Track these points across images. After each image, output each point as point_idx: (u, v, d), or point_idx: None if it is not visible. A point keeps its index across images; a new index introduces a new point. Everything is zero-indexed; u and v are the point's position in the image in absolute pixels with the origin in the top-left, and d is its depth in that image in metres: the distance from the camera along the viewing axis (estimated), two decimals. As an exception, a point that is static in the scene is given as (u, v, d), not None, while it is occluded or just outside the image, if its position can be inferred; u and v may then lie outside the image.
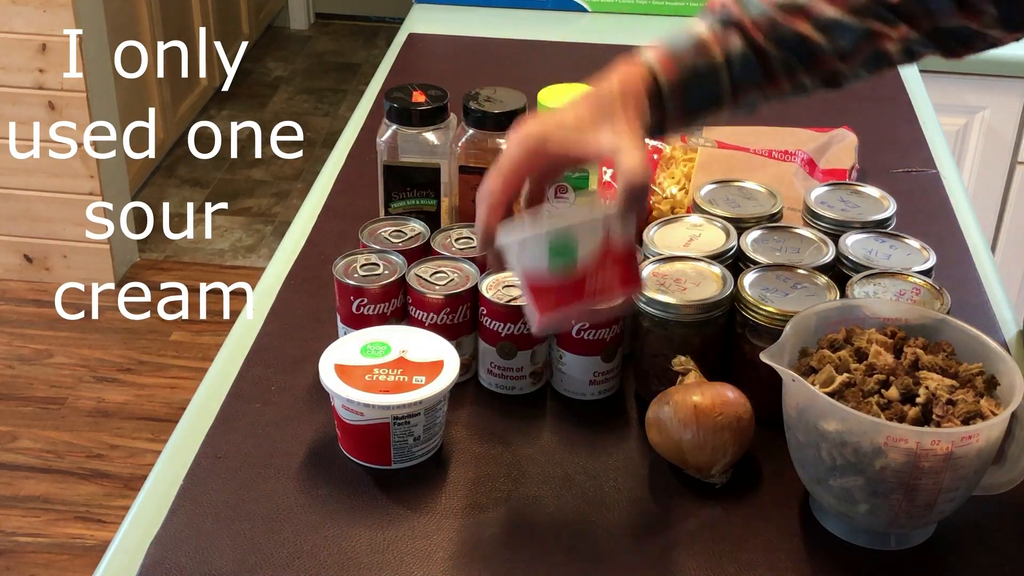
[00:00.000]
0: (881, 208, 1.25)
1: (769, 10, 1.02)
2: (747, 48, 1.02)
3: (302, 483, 1.03)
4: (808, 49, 1.02)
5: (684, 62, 1.00)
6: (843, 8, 1.02)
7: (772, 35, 1.02)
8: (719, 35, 1.01)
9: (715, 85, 1.02)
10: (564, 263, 0.94)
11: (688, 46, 1.01)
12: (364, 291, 1.12)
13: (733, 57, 1.01)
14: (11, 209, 3.02)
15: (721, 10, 1.03)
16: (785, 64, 1.03)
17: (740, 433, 1.03)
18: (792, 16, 1.02)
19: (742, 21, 1.01)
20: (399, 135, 1.26)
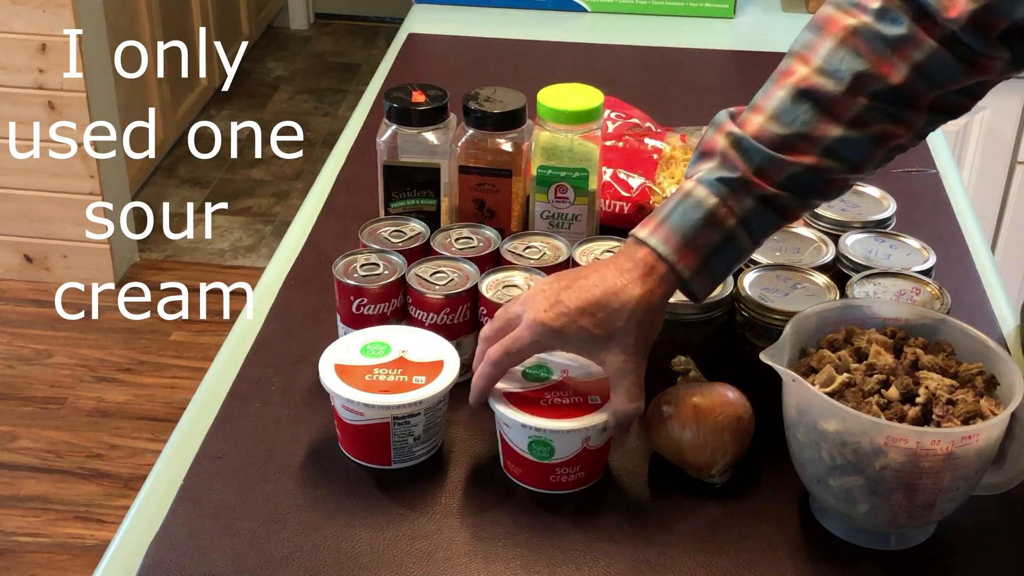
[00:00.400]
0: (881, 208, 1.25)
1: (771, 152, 0.98)
2: (758, 203, 0.99)
3: (302, 483, 1.03)
4: (819, 177, 0.99)
5: (699, 244, 0.98)
6: (843, 124, 0.98)
7: (780, 178, 0.98)
8: (728, 200, 0.98)
9: (736, 248, 1.00)
10: (540, 454, 1.00)
11: (700, 226, 0.98)
12: (364, 291, 1.12)
13: (748, 217, 0.99)
14: (11, 209, 3.02)
15: (721, 165, 0.99)
16: (799, 199, 1.00)
17: (740, 433, 1.03)
18: (795, 152, 0.98)
19: (747, 177, 0.98)
20: (399, 135, 1.26)
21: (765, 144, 0.98)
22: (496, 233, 1.21)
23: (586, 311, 0.97)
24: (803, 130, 0.98)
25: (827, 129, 0.98)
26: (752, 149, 0.98)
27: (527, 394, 1.02)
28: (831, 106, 0.97)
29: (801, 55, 1.00)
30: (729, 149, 0.99)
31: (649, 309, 0.98)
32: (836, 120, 0.97)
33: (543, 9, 2.08)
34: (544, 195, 1.27)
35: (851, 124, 0.98)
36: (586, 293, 0.98)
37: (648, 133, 1.45)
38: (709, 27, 2.04)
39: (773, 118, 0.99)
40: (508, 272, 1.15)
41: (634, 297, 0.97)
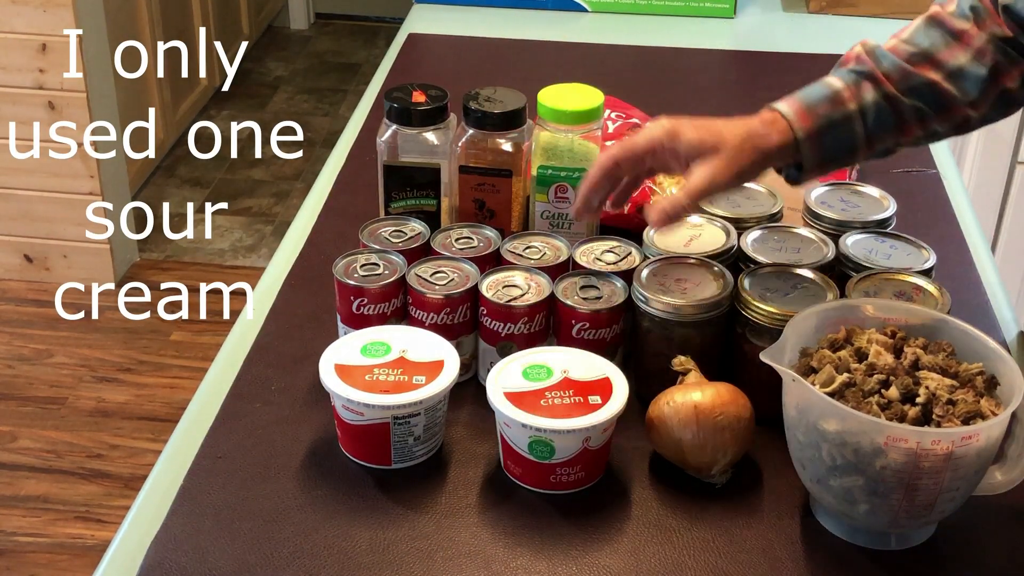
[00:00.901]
0: (881, 208, 1.25)
1: (900, 61, 1.08)
2: (880, 98, 1.07)
3: (302, 483, 1.03)
4: (939, 97, 1.08)
5: (819, 112, 1.07)
6: (968, 53, 1.08)
7: (904, 85, 1.08)
8: (853, 87, 1.08)
9: (849, 134, 1.08)
10: (540, 454, 1.01)
11: (823, 98, 1.07)
12: (364, 291, 1.12)
13: (867, 107, 1.07)
14: (11, 209, 3.02)
15: (855, 63, 1.09)
16: (917, 113, 1.08)
17: (740, 433, 1.03)
18: (922, 66, 1.08)
19: (875, 73, 1.08)
20: (399, 135, 1.26)
21: (897, 56, 1.09)
22: (496, 233, 1.21)
23: (703, 125, 1.07)
24: (932, 50, 1.09)
25: (953, 55, 1.08)
26: (883, 55, 1.09)
27: (527, 394, 1.02)
28: (959, 34, 1.09)
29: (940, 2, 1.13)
30: (863, 54, 1.10)
31: (758, 142, 1.06)
32: (962, 48, 1.08)
33: (543, 9, 2.08)
34: (544, 195, 1.27)
35: (973, 56, 1.08)
36: (710, 120, 1.08)
37: (648, 133, 1.45)
38: (709, 27, 2.04)
39: (907, 40, 1.10)
40: (508, 272, 1.15)
41: (749, 126, 1.07)
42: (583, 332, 1.10)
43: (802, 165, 1.08)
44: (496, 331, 1.11)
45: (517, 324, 1.10)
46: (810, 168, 1.09)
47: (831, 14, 2.09)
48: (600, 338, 1.11)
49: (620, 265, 1.17)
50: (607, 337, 1.11)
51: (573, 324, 1.10)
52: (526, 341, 1.11)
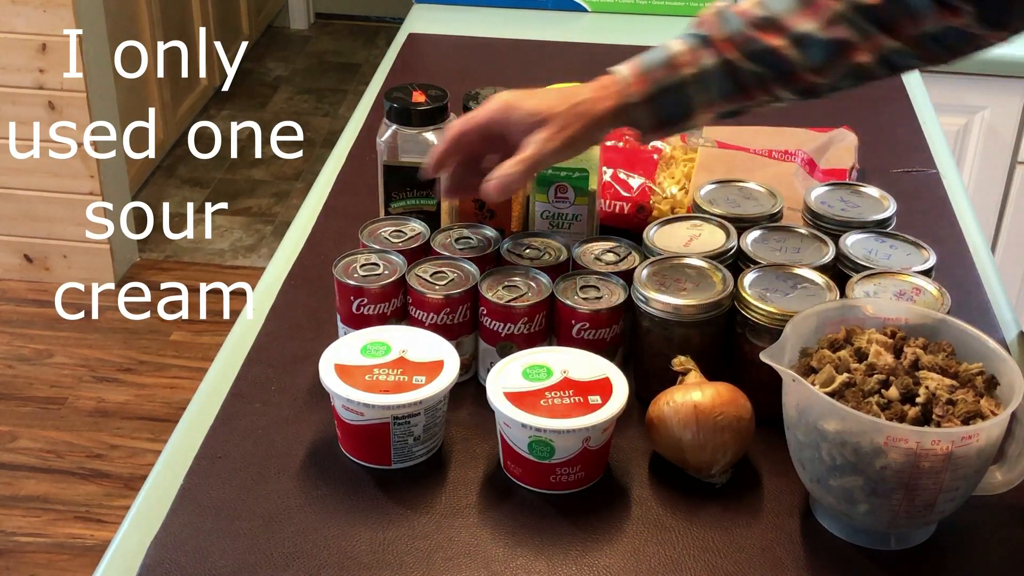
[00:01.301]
0: (881, 208, 1.25)
1: (745, 25, 1.07)
2: (719, 64, 1.08)
3: (302, 483, 1.03)
4: (781, 63, 1.07)
5: (653, 76, 1.09)
6: (818, 21, 1.06)
7: (745, 51, 1.07)
8: (692, 52, 1.08)
9: (685, 98, 1.09)
10: (540, 454, 1.01)
11: (659, 63, 1.09)
12: (364, 291, 1.12)
13: (705, 73, 1.08)
14: (11, 209, 3.02)
15: (698, 27, 1.09)
16: (758, 78, 1.08)
17: (740, 433, 1.03)
18: (766, 32, 1.07)
19: (714, 38, 1.08)
20: (399, 135, 1.26)
21: (745, 19, 1.08)
22: (496, 233, 1.21)
23: (536, 96, 1.10)
24: (780, 15, 1.07)
25: (800, 21, 1.06)
26: (729, 19, 1.08)
27: (527, 394, 1.02)
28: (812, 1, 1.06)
29: None
30: (712, 16, 1.10)
31: (588, 107, 1.08)
32: (811, 15, 1.06)
33: (543, 9, 2.08)
34: (544, 195, 1.27)
35: (823, 24, 1.06)
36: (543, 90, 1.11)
37: (648, 133, 1.45)
38: (709, 27, 2.04)
39: (760, 3, 1.09)
40: (508, 272, 1.15)
41: (581, 94, 1.09)
42: (583, 332, 1.10)
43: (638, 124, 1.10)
44: (496, 331, 1.11)
45: (517, 324, 1.10)
46: (646, 131, 1.11)
47: (831, 14, 2.08)
48: (600, 338, 1.11)
49: (620, 265, 1.17)
50: (607, 337, 1.11)
51: (573, 324, 1.10)
52: (526, 341, 1.11)
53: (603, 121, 1.09)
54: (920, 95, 1.80)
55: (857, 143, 1.50)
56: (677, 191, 1.36)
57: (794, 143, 1.46)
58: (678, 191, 1.36)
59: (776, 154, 1.43)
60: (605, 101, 1.08)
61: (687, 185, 1.36)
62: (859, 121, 1.59)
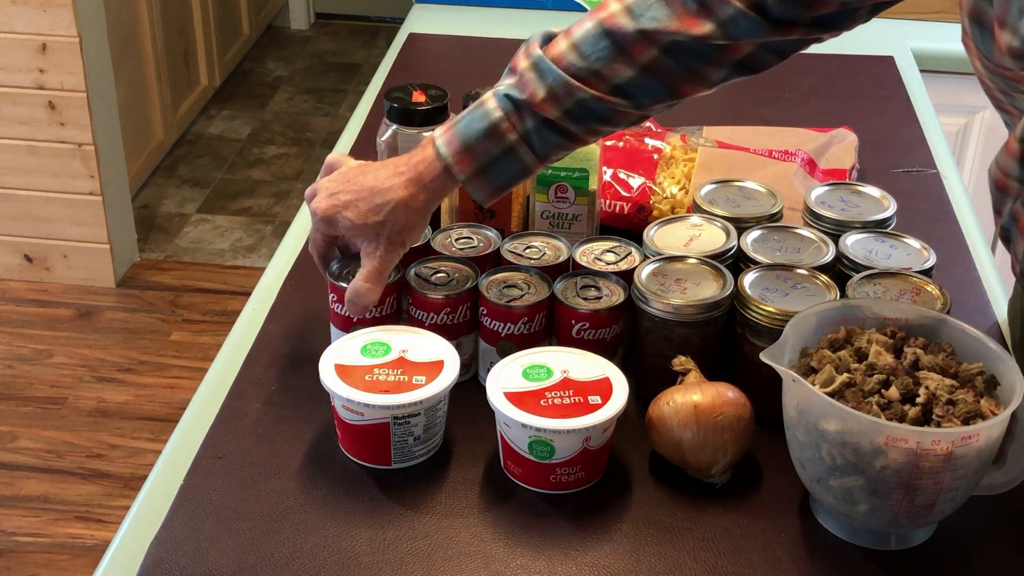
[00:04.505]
0: (881, 208, 1.25)
1: (564, 77, 1.04)
2: (540, 124, 1.05)
3: (302, 483, 1.03)
4: (605, 108, 1.05)
5: (477, 151, 1.06)
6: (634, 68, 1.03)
7: (567, 105, 1.04)
8: (511, 116, 1.05)
9: (517, 161, 1.06)
10: (540, 454, 1.01)
11: (481, 136, 1.05)
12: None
13: (530, 135, 1.05)
14: (11, 209, 3.03)
15: (512, 84, 1.05)
16: (583, 126, 1.06)
17: (740, 433, 1.03)
18: (587, 83, 1.04)
19: (531, 101, 1.04)
20: (399, 135, 1.26)
21: (562, 69, 1.04)
22: (496, 233, 1.21)
23: (352, 205, 1.07)
24: (597, 66, 1.04)
25: (619, 70, 1.04)
26: (548, 71, 1.04)
27: (527, 394, 1.02)
28: (628, 48, 1.03)
29: None
30: (528, 71, 1.05)
31: (407, 211, 1.07)
32: (629, 62, 1.04)
33: (543, 9, 2.08)
34: (544, 195, 1.27)
35: (643, 69, 1.04)
36: (356, 188, 1.08)
37: (648, 133, 1.45)
38: (709, 27, 2.04)
39: (574, 47, 1.05)
40: (508, 272, 1.15)
41: (395, 199, 1.06)
42: (583, 332, 1.10)
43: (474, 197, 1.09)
44: (496, 331, 1.11)
45: (517, 324, 1.10)
46: (483, 199, 1.09)
47: (831, 14, 2.08)
48: (600, 338, 1.11)
49: (620, 265, 1.17)
50: (607, 337, 1.11)
51: (573, 324, 1.10)
52: (526, 341, 1.11)
53: (432, 205, 1.09)
54: (920, 95, 1.80)
55: (857, 143, 1.50)
56: (677, 191, 1.36)
57: (794, 143, 1.46)
58: (678, 191, 1.36)
59: (776, 154, 1.44)
60: (419, 195, 1.07)
61: (687, 185, 1.36)
62: (859, 121, 1.59)
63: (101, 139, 2.94)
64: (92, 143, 2.91)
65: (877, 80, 1.81)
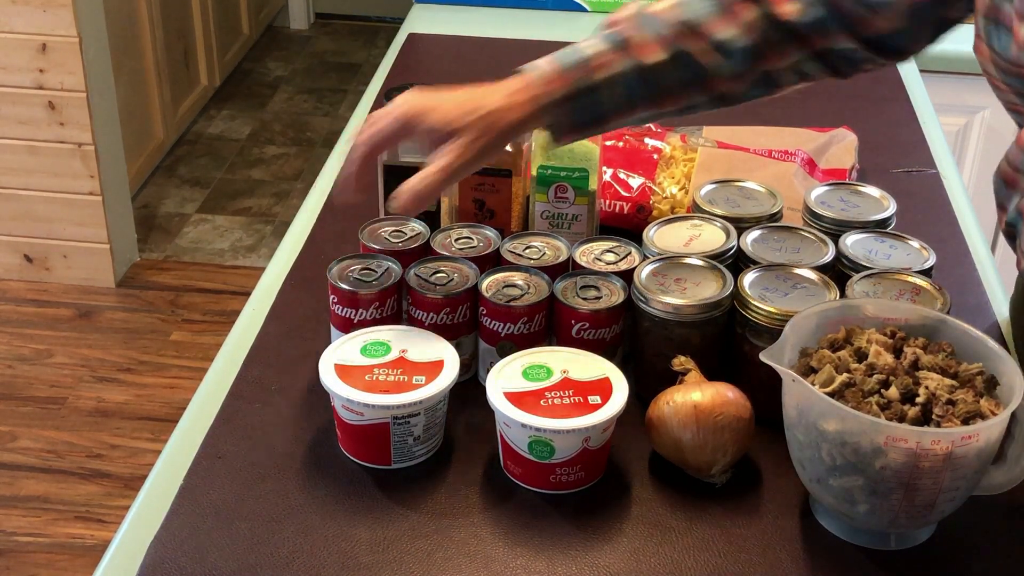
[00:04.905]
0: (881, 208, 1.25)
1: (665, 30, 1.05)
2: (633, 69, 1.05)
3: (302, 483, 1.03)
4: (699, 69, 1.06)
5: (569, 77, 1.05)
6: (737, 27, 1.05)
7: (662, 55, 1.05)
8: (607, 54, 1.05)
9: (598, 102, 1.06)
10: (540, 454, 1.01)
11: (574, 64, 1.06)
12: (358, 297, 1.12)
13: (617, 77, 1.05)
14: (11, 209, 3.03)
15: (616, 27, 1.07)
16: (673, 84, 1.07)
17: (740, 433, 1.03)
18: (686, 36, 1.05)
19: (631, 41, 1.05)
20: (399, 135, 1.25)
21: (664, 20, 1.06)
22: (496, 233, 1.21)
23: (449, 105, 1.05)
24: (699, 20, 1.06)
25: (719, 27, 1.06)
26: (650, 21, 1.06)
27: (527, 394, 1.02)
28: (728, 6, 1.06)
29: None
30: (629, 17, 1.07)
31: (502, 119, 1.04)
32: (730, 21, 1.05)
33: (543, 9, 2.08)
34: (544, 195, 1.27)
35: (742, 31, 1.06)
36: (455, 94, 1.06)
37: (648, 133, 1.45)
38: (709, 27, 2.04)
39: (678, 4, 1.08)
40: (508, 272, 1.15)
41: (492, 101, 1.05)
42: (583, 332, 1.10)
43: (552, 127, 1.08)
44: (496, 331, 1.11)
45: (517, 324, 1.10)
46: (561, 132, 1.08)
47: (831, 14, 2.08)
48: (600, 338, 1.11)
49: (620, 265, 1.17)
50: (607, 337, 1.11)
51: (573, 324, 1.10)
52: (526, 341, 1.11)
53: (516, 129, 1.06)
54: (920, 95, 1.80)
55: (857, 143, 1.50)
56: (677, 191, 1.36)
57: (794, 143, 1.46)
58: (678, 191, 1.36)
59: (776, 154, 1.43)
60: (518, 109, 1.05)
61: (687, 185, 1.36)
62: (859, 121, 1.59)
63: (101, 139, 2.94)
64: (92, 143, 2.91)
65: (877, 80, 1.81)
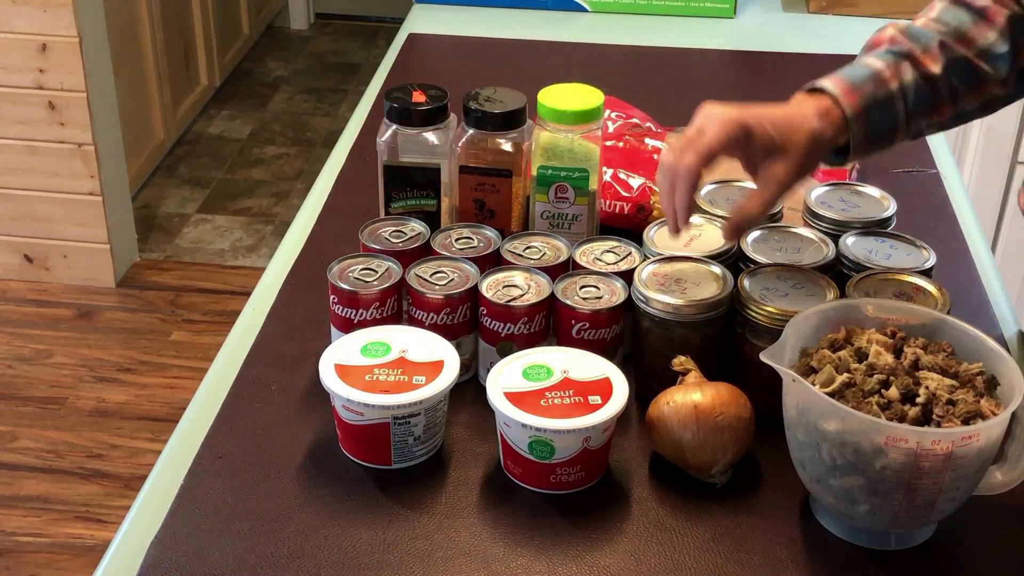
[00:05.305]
0: (881, 208, 1.25)
1: (936, 39, 1.09)
2: (919, 77, 1.09)
3: (302, 483, 1.03)
4: (973, 74, 1.10)
5: (863, 90, 1.08)
6: (995, 31, 1.09)
7: (942, 63, 1.09)
8: (893, 67, 1.08)
9: (892, 113, 1.09)
10: (540, 454, 1.01)
11: (866, 77, 1.08)
12: (358, 297, 1.12)
13: (907, 86, 1.09)
14: (11, 209, 3.02)
15: (890, 44, 1.10)
16: (952, 91, 1.10)
17: (740, 433, 1.03)
18: (958, 44, 1.09)
19: (913, 52, 1.09)
20: (399, 135, 1.26)
21: (934, 32, 1.10)
22: (496, 233, 1.21)
23: (770, 119, 1.05)
24: (962, 28, 1.10)
25: (982, 33, 1.10)
26: (920, 34, 1.10)
27: (527, 394, 1.02)
28: (983, 11, 1.10)
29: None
30: (898, 34, 1.11)
31: (818, 141, 1.06)
32: (989, 25, 1.09)
33: (543, 9, 2.08)
34: (544, 195, 1.27)
35: (1000, 32, 1.09)
36: (769, 110, 1.06)
37: (648, 133, 1.45)
38: (709, 27, 2.04)
39: (936, 19, 1.12)
40: (508, 272, 1.15)
41: (812, 124, 1.06)
42: (583, 332, 1.10)
43: (848, 146, 1.09)
44: (496, 331, 1.11)
45: (517, 324, 1.10)
46: (856, 148, 1.09)
47: (831, 14, 2.09)
48: (600, 338, 1.11)
49: (620, 265, 1.17)
50: (607, 337, 1.11)
51: (573, 324, 1.10)
52: (526, 341, 1.11)
53: (827, 147, 1.08)
54: (920, 95, 1.80)
55: (857, 143, 1.50)
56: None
57: (794, 143, 1.46)
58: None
59: (776, 154, 1.43)
60: (828, 128, 1.07)
61: (687, 185, 1.36)
62: (859, 121, 1.58)
63: (101, 139, 2.94)
64: (92, 143, 2.91)
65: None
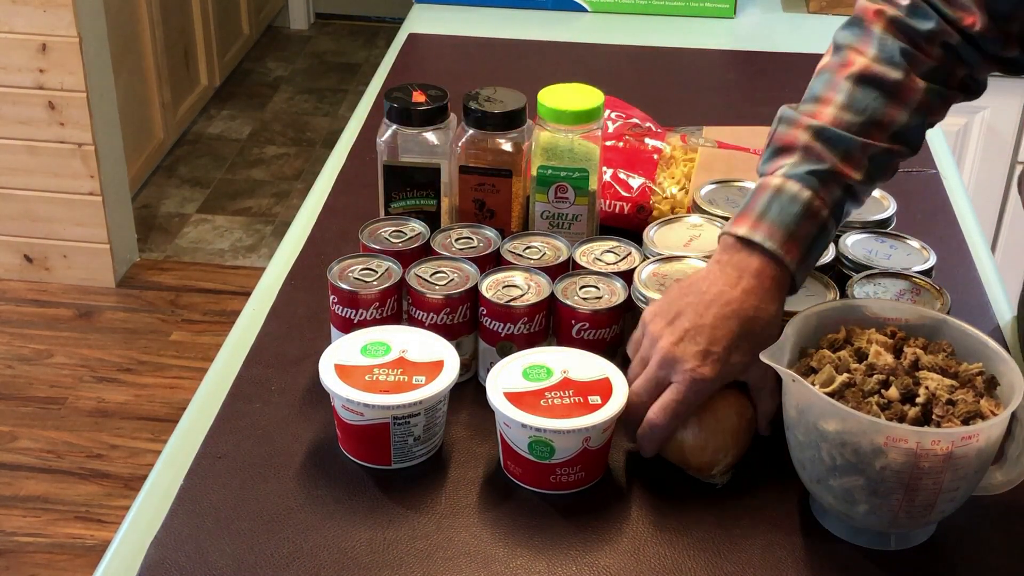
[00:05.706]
0: (881, 208, 1.25)
1: (857, 143, 1.03)
2: (843, 192, 1.04)
3: (302, 483, 1.03)
4: (891, 159, 1.06)
5: (801, 236, 1.02)
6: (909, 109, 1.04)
7: (864, 168, 1.04)
8: (820, 192, 1.03)
9: (827, 237, 1.05)
10: (540, 454, 1.00)
11: (800, 219, 1.02)
12: (357, 297, 1.12)
13: (837, 207, 1.04)
14: (11, 209, 3.03)
15: (807, 160, 1.03)
16: (870, 183, 1.06)
17: (741, 433, 1.03)
18: (874, 136, 1.04)
19: (835, 167, 1.03)
20: (399, 135, 1.26)
21: (845, 130, 1.03)
22: (496, 233, 1.21)
23: (734, 347, 1.01)
24: (876, 116, 1.04)
25: (894, 114, 1.04)
26: (836, 138, 1.03)
27: (527, 394, 1.02)
28: (895, 89, 1.04)
29: (855, 47, 1.06)
30: (812, 142, 1.03)
31: (780, 319, 1.02)
32: (902, 103, 1.04)
33: (543, 9, 2.08)
34: (544, 195, 1.27)
35: (916, 108, 1.05)
36: (726, 330, 1.00)
37: (648, 133, 1.45)
38: (709, 27, 2.04)
39: (845, 107, 1.04)
40: (508, 272, 1.15)
41: (771, 315, 1.02)
42: (583, 332, 1.10)
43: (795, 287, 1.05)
44: (496, 331, 1.11)
45: (517, 324, 1.10)
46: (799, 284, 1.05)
47: (831, 14, 2.09)
48: (600, 338, 1.11)
49: (620, 265, 1.17)
50: (607, 337, 1.11)
51: (573, 324, 1.10)
52: (526, 341, 1.11)
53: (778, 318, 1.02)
54: (920, 95, 1.80)
55: (857, 143, 1.50)
56: (677, 191, 1.36)
57: (794, 143, 1.46)
58: (678, 191, 1.36)
59: (776, 154, 1.43)
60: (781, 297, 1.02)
61: (687, 185, 1.36)
62: (859, 121, 1.58)
63: (101, 139, 2.94)
64: (92, 143, 2.91)
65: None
